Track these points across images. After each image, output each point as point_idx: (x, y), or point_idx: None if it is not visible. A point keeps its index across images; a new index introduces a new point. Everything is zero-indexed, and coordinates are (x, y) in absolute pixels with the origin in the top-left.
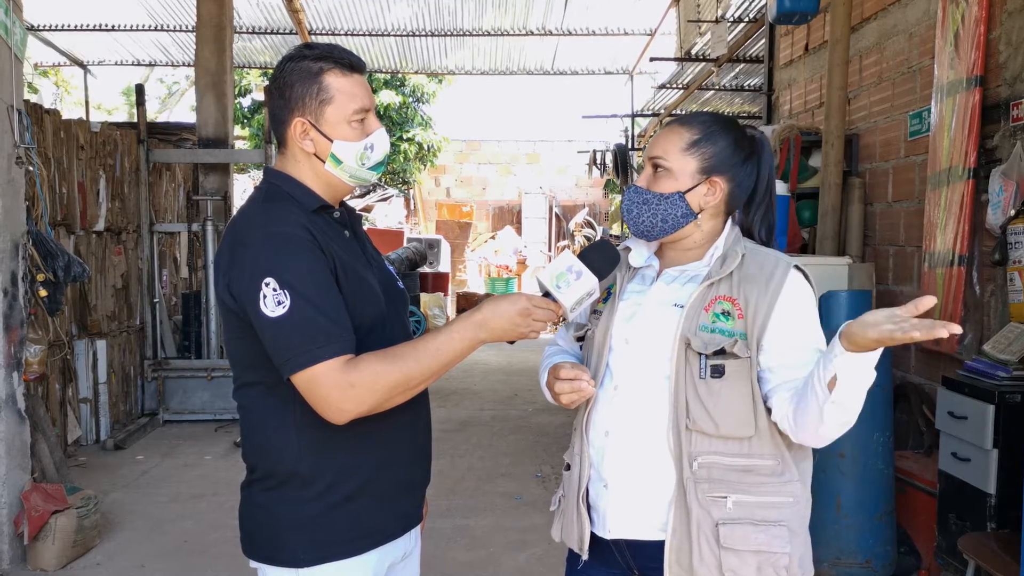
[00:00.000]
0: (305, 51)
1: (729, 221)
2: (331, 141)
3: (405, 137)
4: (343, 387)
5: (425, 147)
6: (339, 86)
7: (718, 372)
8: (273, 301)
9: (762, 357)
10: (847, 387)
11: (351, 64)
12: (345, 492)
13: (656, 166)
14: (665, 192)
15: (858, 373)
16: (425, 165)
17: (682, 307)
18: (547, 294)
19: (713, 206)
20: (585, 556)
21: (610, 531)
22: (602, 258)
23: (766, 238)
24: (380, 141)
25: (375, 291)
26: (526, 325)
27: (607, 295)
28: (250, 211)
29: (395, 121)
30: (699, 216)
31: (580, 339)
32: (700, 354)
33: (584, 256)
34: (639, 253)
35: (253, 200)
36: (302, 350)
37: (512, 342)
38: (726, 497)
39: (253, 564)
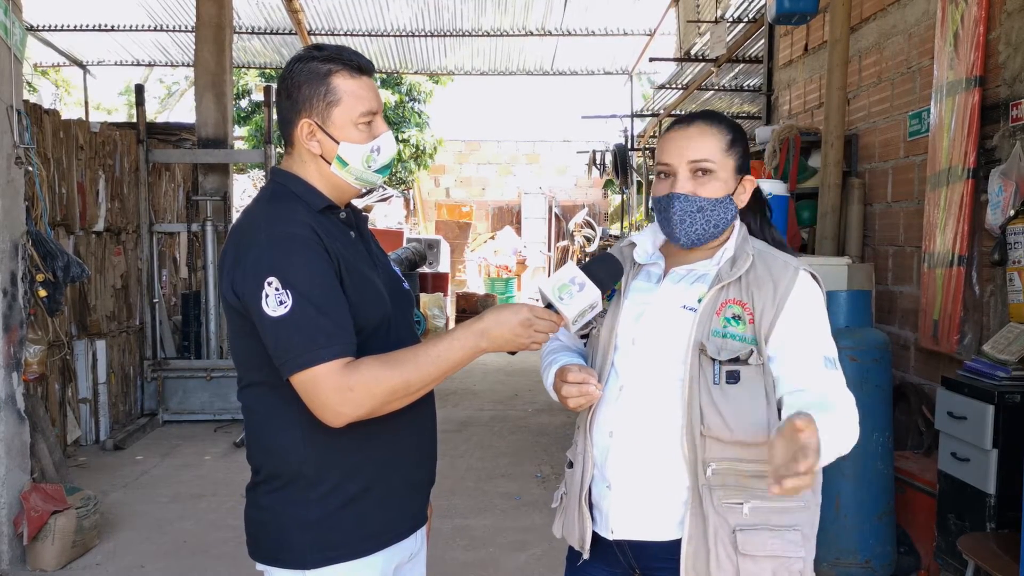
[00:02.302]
0: (314, 52)
1: (737, 220)
2: (337, 143)
3: (401, 138)
4: (341, 390)
5: (420, 148)
6: (347, 88)
7: (733, 378)
8: (275, 301)
9: (771, 365)
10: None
11: (360, 66)
12: (350, 493)
13: (701, 170)
14: (718, 197)
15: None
16: (420, 166)
17: (692, 310)
18: (549, 305)
19: (744, 204)
20: (586, 555)
21: (613, 531)
22: (605, 270)
23: (761, 227)
24: (387, 144)
25: (380, 292)
26: (527, 336)
27: (611, 292)
28: (256, 211)
29: (391, 121)
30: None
31: (584, 336)
32: (714, 360)
33: (587, 268)
34: (644, 250)
35: (259, 200)
36: (302, 350)
37: (513, 352)
38: (742, 504)
39: (260, 566)
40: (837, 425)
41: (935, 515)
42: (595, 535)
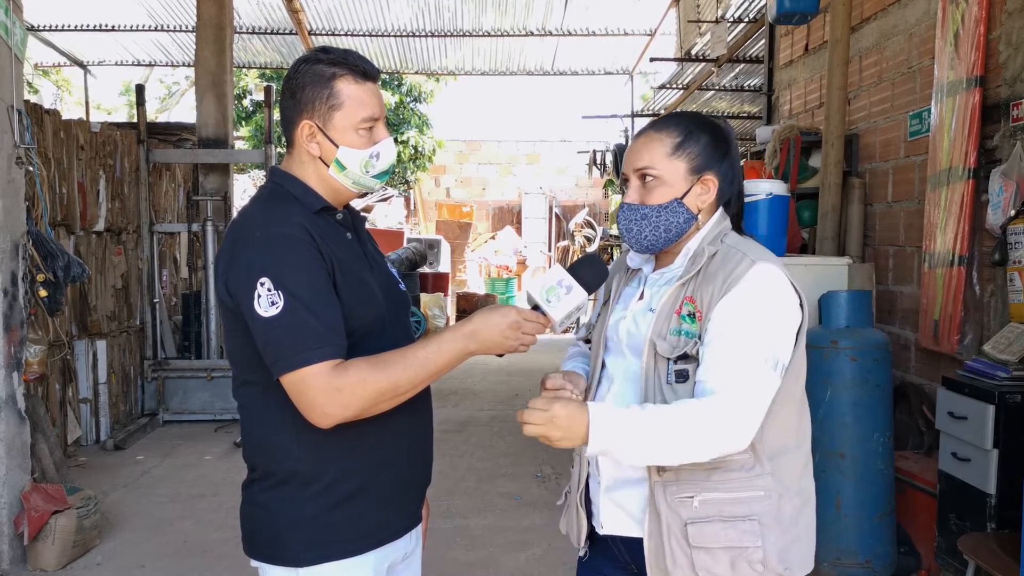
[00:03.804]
0: (320, 55)
1: (715, 216)
2: (337, 147)
3: (400, 140)
4: (329, 391)
5: (419, 150)
6: (350, 93)
7: (682, 377)
8: (267, 301)
9: (701, 351)
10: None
11: (365, 72)
12: (345, 492)
13: (644, 176)
14: (662, 202)
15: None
16: (419, 168)
17: (653, 310)
18: (537, 307)
19: (709, 204)
20: (582, 551)
21: (603, 527)
22: (591, 272)
23: (740, 224)
24: (386, 150)
25: (374, 293)
26: (515, 338)
27: (610, 296)
28: (252, 211)
29: (391, 122)
30: (698, 217)
31: (587, 340)
32: (668, 359)
33: (573, 270)
34: (636, 254)
35: (256, 200)
36: (292, 351)
37: (501, 355)
38: (693, 497)
39: (254, 563)
40: (664, 423)
41: (936, 515)
42: (595, 532)
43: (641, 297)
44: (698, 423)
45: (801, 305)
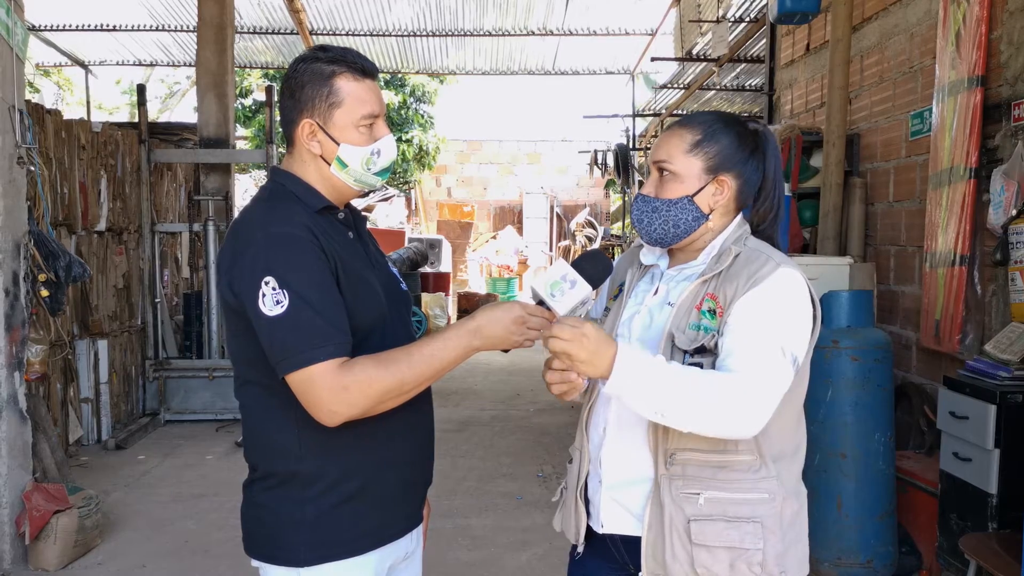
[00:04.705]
0: (319, 53)
1: (737, 218)
2: (338, 144)
3: (404, 139)
4: (336, 390)
5: (424, 149)
6: (349, 90)
7: None
8: (272, 300)
9: (720, 341)
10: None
11: (363, 69)
12: (346, 492)
13: (661, 170)
14: (673, 197)
15: (612, 391)
16: (424, 167)
17: (673, 305)
18: (541, 302)
19: (723, 205)
20: (580, 548)
21: (603, 525)
22: (595, 267)
23: (771, 232)
24: (387, 147)
25: (376, 292)
26: (520, 333)
27: (619, 292)
28: (254, 210)
29: (394, 122)
30: (710, 217)
31: None
32: (684, 352)
33: (577, 265)
34: (650, 251)
35: (258, 199)
36: (297, 350)
37: (506, 350)
38: (699, 494)
39: (255, 563)
40: (687, 382)
41: (937, 515)
42: (592, 531)
43: (656, 292)
44: (719, 393)
45: (816, 315)
